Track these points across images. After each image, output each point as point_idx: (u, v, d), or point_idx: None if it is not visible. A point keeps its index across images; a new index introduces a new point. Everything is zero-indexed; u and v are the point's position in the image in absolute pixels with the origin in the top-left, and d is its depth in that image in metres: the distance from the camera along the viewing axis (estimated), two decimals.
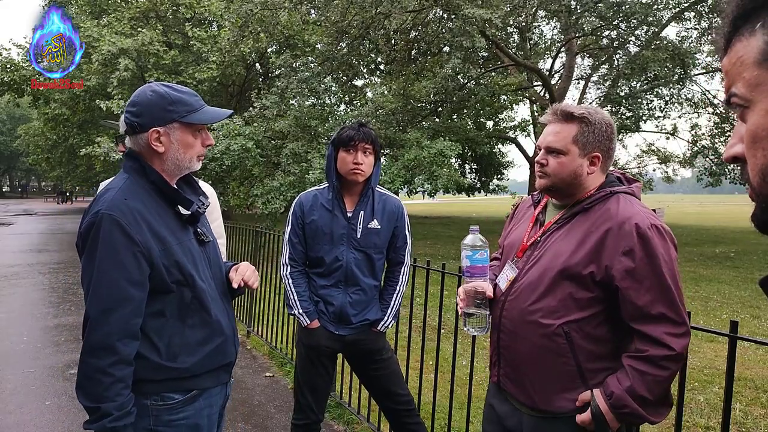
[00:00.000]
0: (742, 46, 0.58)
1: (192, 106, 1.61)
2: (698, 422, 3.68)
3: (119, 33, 15.44)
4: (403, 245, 2.61)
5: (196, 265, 1.59)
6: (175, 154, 1.59)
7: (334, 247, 2.48)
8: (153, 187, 1.57)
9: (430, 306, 3.31)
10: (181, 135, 1.59)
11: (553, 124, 1.64)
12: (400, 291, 2.62)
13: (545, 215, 1.75)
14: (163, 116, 1.56)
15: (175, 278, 1.54)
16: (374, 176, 2.52)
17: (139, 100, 1.59)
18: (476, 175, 24.61)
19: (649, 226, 1.49)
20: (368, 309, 2.55)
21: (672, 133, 18.60)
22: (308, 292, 2.56)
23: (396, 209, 2.57)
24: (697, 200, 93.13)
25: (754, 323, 6.69)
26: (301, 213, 2.55)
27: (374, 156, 2.48)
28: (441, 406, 3.17)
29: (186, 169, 1.64)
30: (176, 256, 1.53)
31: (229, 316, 1.73)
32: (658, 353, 1.44)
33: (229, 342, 1.70)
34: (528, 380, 1.62)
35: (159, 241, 1.51)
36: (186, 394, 1.60)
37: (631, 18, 12.18)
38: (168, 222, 1.56)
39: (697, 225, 24.25)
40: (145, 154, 1.59)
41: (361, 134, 2.43)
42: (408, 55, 16.32)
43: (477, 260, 1.71)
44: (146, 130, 1.56)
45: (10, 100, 21.18)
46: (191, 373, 1.59)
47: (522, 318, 1.61)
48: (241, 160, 10.85)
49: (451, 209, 42.26)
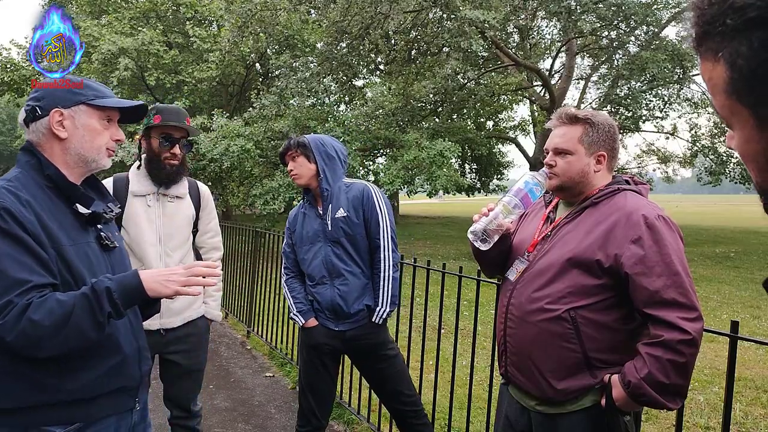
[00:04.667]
0: (710, 68, 0.56)
1: (102, 92, 1.49)
2: (698, 422, 3.68)
3: (119, 32, 15.43)
4: (376, 228, 2.56)
5: (93, 270, 1.41)
6: (80, 142, 1.44)
7: (312, 246, 2.59)
8: (48, 183, 1.41)
9: (430, 306, 3.31)
10: (87, 119, 1.45)
11: (559, 128, 1.74)
12: (386, 276, 2.55)
13: (556, 213, 1.82)
14: (68, 97, 1.43)
15: (65, 280, 1.36)
16: (325, 170, 2.58)
17: (44, 88, 1.47)
18: (476, 175, 24.58)
19: (656, 216, 1.56)
20: (362, 297, 2.54)
21: (672, 133, 18.61)
22: (303, 294, 2.64)
23: (360, 193, 2.58)
24: (697, 200, 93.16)
25: (754, 323, 6.69)
26: (289, 226, 2.76)
27: (304, 156, 2.57)
28: (441, 406, 3.17)
29: (92, 162, 1.48)
30: (67, 256, 1.36)
31: (134, 332, 1.53)
32: (674, 337, 1.46)
33: (131, 362, 1.49)
34: (534, 366, 1.65)
35: (49, 238, 1.34)
36: (66, 426, 1.36)
37: (630, 18, 12.18)
38: (62, 220, 1.39)
39: (697, 225, 24.24)
40: (45, 146, 1.44)
41: (283, 148, 2.65)
42: (408, 55, 16.32)
43: (533, 192, 1.71)
44: (47, 113, 1.41)
45: (10, 100, 21.16)
46: (73, 397, 1.36)
47: (528, 304, 1.66)
48: (240, 161, 10.85)
49: (451, 209, 42.25)
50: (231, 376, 4.44)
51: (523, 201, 1.70)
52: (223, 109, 15.93)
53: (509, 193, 1.71)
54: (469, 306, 6.60)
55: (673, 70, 12.54)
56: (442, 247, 14.09)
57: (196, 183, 2.89)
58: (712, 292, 8.58)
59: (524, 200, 1.70)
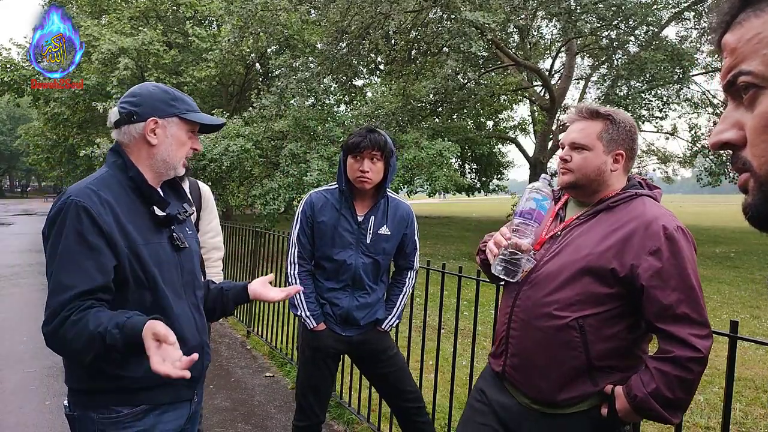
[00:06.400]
0: (761, 23, 0.53)
1: (192, 106, 1.61)
2: (698, 422, 3.68)
3: (119, 32, 15.43)
4: (412, 251, 2.64)
5: (162, 270, 1.51)
6: (167, 150, 1.55)
7: (343, 251, 2.45)
8: (130, 184, 1.52)
9: (430, 306, 3.31)
10: (177, 131, 1.56)
11: (578, 122, 1.66)
12: (406, 293, 2.65)
13: (565, 211, 1.75)
14: (165, 109, 1.54)
15: (137, 277, 1.46)
16: (387, 181, 2.47)
17: (140, 91, 1.56)
18: (476, 175, 24.58)
19: (675, 228, 1.51)
20: (375, 310, 2.55)
21: (672, 133, 18.61)
22: (315, 294, 2.52)
23: (406, 215, 2.57)
24: (697, 200, 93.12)
25: (754, 323, 6.70)
26: (311, 212, 2.50)
27: (384, 161, 2.41)
28: (441, 406, 3.17)
29: (172, 169, 1.59)
30: (140, 254, 1.46)
31: (199, 329, 1.63)
32: (685, 354, 1.44)
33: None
34: (536, 371, 1.62)
35: (124, 237, 1.44)
36: (134, 407, 1.48)
37: (630, 18, 12.18)
38: (138, 221, 1.49)
39: (697, 225, 24.23)
40: (133, 148, 1.54)
41: (368, 141, 2.35)
42: (408, 55, 16.30)
43: (543, 207, 1.61)
44: (144, 119, 1.52)
45: (10, 100, 21.14)
46: (140, 384, 1.47)
47: (536, 309, 1.61)
48: (240, 161, 10.85)
49: (451, 209, 42.24)
50: (231, 376, 4.44)
51: (539, 218, 1.61)
52: (223, 108, 15.93)
53: (520, 216, 1.61)
54: (469, 306, 6.60)
55: (672, 70, 12.53)
56: (442, 247, 14.09)
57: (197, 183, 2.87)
58: (712, 292, 8.58)
59: (540, 217, 1.61)
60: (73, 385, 1.50)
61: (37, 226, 19.00)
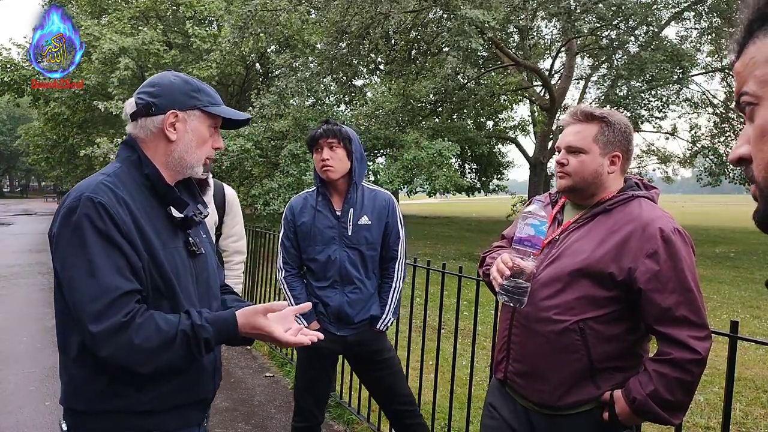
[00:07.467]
0: (756, 48, 0.61)
1: (215, 99, 1.46)
2: (698, 422, 3.68)
3: (119, 32, 15.42)
4: (396, 240, 2.58)
5: (179, 278, 1.37)
6: (186, 146, 1.40)
7: (326, 247, 2.48)
8: (145, 182, 1.38)
9: (430, 306, 3.32)
10: (199, 125, 1.42)
11: (574, 125, 1.66)
12: (397, 287, 2.60)
13: (563, 215, 1.75)
14: (185, 101, 1.39)
15: (156, 285, 1.33)
16: (357, 171, 2.49)
17: (159, 81, 1.41)
18: (476, 175, 24.59)
19: (672, 230, 1.50)
20: (368, 306, 2.54)
21: (672, 133, 18.61)
22: (305, 295, 2.55)
23: (386, 203, 2.56)
24: (697, 200, 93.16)
25: (754, 323, 6.70)
26: (292, 216, 2.57)
27: (345, 150, 2.44)
28: (441, 406, 3.17)
29: (189, 168, 1.44)
30: (159, 260, 1.32)
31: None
32: (684, 356, 1.45)
33: (206, 376, 1.45)
34: (538, 376, 1.62)
35: (143, 240, 1.31)
36: None
37: (630, 18, 12.18)
38: (156, 222, 1.36)
39: (697, 225, 24.24)
40: (149, 143, 1.40)
41: (322, 131, 2.42)
42: (408, 55, 16.31)
43: (542, 232, 1.60)
44: (163, 112, 1.37)
45: (10, 100, 21.14)
46: (147, 408, 1.34)
47: (536, 314, 1.61)
48: (240, 161, 10.85)
49: (451, 209, 42.25)
50: (231, 376, 4.44)
51: (537, 243, 1.60)
52: None
53: (519, 243, 1.60)
54: (469, 306, 6.60)
55: (672, 71, 12.53)
56: (442, 247, 14.09)
57: (222, 186, 2.81)
58: (712, 292, 8.58)
59: (538, 242, 1.60)
60: (78, 407, 1.35)
61: (37, 226, 18.99)
